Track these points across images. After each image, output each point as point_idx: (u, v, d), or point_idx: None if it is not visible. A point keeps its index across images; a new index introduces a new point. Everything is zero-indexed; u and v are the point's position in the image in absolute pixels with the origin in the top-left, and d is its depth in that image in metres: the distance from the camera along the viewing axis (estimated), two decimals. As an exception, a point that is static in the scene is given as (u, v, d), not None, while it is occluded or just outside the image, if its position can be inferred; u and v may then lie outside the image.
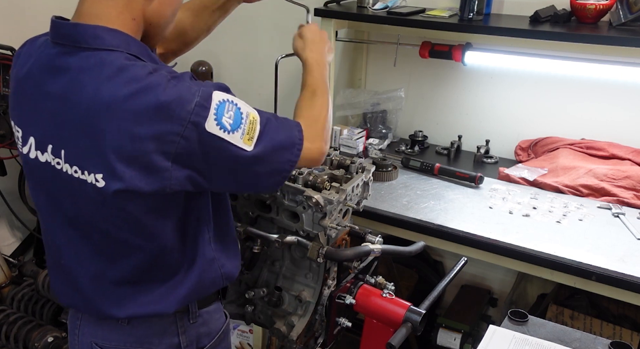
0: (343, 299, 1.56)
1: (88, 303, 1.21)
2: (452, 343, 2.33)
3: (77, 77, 1.03)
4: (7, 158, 2.49)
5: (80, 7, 1.08)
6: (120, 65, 1.01)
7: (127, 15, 1.07)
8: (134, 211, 1.07)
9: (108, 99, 1.00)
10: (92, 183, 1.04)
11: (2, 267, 2.52)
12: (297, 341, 1.56)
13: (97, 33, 1.04)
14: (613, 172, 2.18)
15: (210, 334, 1.33)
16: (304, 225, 1.49)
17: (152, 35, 1.15)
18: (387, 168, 2.30)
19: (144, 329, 1.23)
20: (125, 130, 0.99)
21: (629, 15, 2.07)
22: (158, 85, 1.00)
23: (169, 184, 1.04)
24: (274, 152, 1.12)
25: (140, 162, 1.01)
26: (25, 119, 1.12)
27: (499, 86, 2.52)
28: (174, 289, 1.19)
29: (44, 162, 1.10)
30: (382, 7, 2.44)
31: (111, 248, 1.14)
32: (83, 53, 1.03)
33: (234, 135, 1.05)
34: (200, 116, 1.01)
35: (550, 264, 1.79)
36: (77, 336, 1.28)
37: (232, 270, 1.29)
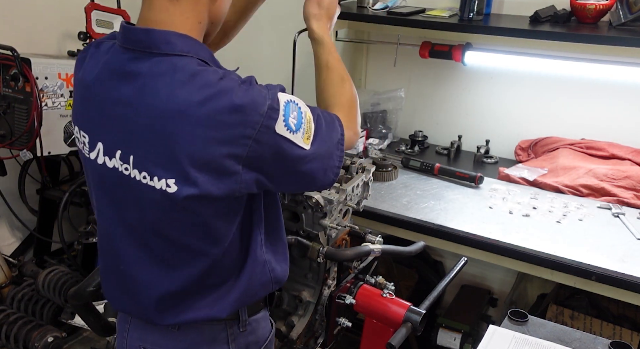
0: (343, 299, 1.56)
1: (142, 310, 1.20)
2: (452, 343, 2.33)
3: (149, 82, 1.03)
4: (7, 158, 2.49)
5: (146, 14, 1.08)
6: (192, 71, 1.02)
7: (193, 20, 1.08)
8: (203, 215, 1.07)
9: (182, 104, 1.00)
10: (162, 189, 1.04)
11: (2, 267, 2.51)
12: (297, 341, 1.56)
13: (168, 38, 1.04)
14: (613, 172, 2.18)
15: (258, 343, 1.31)
16: (304, 225, 1.49)
17: (209, 34, 1.16)
18: (387, 168, 2.30)
19: (195, 336, 1.22)
20: (199, 135, 0.99)
21: (629, 15, 2.07)
22: (231, 90, 1.01)
23: (238, 187, 1.04)
24: (326, 150, 1.14)
25: (213, 167, 1.01)
26: (93, 124, 1.11)
27: (499, 86, 2.52)
28: (226, 293, 1.18)
29: (111, 168, 1.09)
30: (382, 7, 2.44)
31: (172, 256, 1.13)
32: (155, 58, 1.03)
33: (297, 135, 1.07)
34: (272, 119, 1.03)
35: (550, 264, 1.79)
36: (126, 339, 1.28)
37: (281, 274, 1.29)
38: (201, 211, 1.06)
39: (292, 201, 1.48)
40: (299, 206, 1.48)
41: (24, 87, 2.34)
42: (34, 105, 2.31)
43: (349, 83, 1.32)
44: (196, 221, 1.08)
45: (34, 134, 2.34)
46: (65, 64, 2.42)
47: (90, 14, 2.58)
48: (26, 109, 2.35)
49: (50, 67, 2.36)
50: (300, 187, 1.28)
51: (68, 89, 2.44)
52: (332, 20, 1.40)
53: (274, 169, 1.07)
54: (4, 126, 2.41)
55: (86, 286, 1.46)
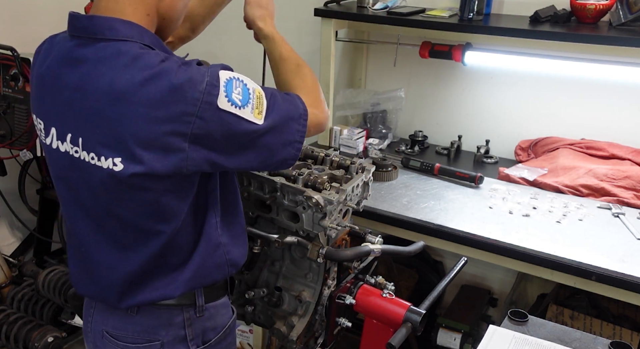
0: (343, 299, 1.56)
1: (102, 292, 1.24)
2: (452, 343, 2.33)
3: (94, 67, 1.07)
4: (7, 158, 2.49)
5: (98, 3, 1.12)
6: (134, 54, 1.06)
7: (141, 11, 1.12)
8: (152, 193, 1.10)
9: (124, 86, 1.04)
10: (110, 168, 1.07)
11: (2, 267, 2.52)
12: (297, 341, 1.56)
13: (112, 24, 1.08)
14: (613, 172, 2.18)
15: (216, 329, 1.34)
16: (304, 225, 1.49)
17: (164, 29, 1.20)
18: (387, 168, 2.30)
19: (152, 320, 1.25)
20: (141, 114, 1.03)
21: (629, 15, 2.07)
22: (170, 70, 1.04)
23: (185, 164, 1.07)
24: (283, 123, 1.16)
25: (158, 145, 1.04)
26: (46, 111, 1.16)
27: (499, 86, 2.52)
28: (180, 273, 1.22)
29: (63, 152, 1.14)
30: (382, 7, 2.44)
31: (127, 236, 1.17)
32: (99, 44, 1.08)
33: (245, 110, 1.09)
34: (212, 95, 1.05)
35: (550, 264, 1.79)
36: (90, 324, 1.32)
37: (237, 257, 1.32)
38: (150, 188, 1.09)
39: (292, 201, 1.48)
40: (299, 206, 1.48)
41: (24, 87, 2.35)
42: (34, 105, 2.31)
43: (306, 68, 1.34)
44: (145, 199, 1.11)
45: (34, 134, 2.34)
46: (65, 64, 2.42)
47: (90, 14, 2.58)
48: (26, 109, 2.35)
49: (50, 67, 2.36)
50: (260, 163, 1.24)
51: (68, 89, 2.43)
52: (273, 17, 1.43)
53: (226, 145, 1.10)
54: (4, 126, 2.41)
55: (86, 286, 1.46)
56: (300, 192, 1.43)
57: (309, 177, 1.49)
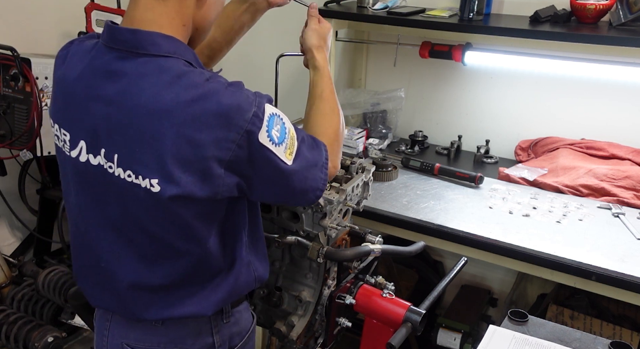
0: (343, 299, 1.56)
1: (124, 306, 1.20)
2: (452, 343, 2.33)
3: (134, 82, 1.03)
4: (7, 158, 2.49)
5: (132, 13, 1.08)
6: (178, 72, 1.03)
7: (178, 22, 1.09)
8: (185, 215, 1.08)
9: (168, 104, 1.01)
10: (147, 188, 1.05)
11: (2, 267, 2.51)
12: (297, 341, 1.56)
13: (154, 40, 1.05)
14: (613, 172, 2.18)
15: (241, 334, 1.34)
16: (304, 225, 1.49)
17: (195, 39, 1.17)
18: (387, 168, 2.30)
19: (179, 330, 1.23)
20: (184, 135, 1.00)
21: (629, 15, 2.07)
22: (217, 92, 1.02)
23: (220, 190, 1.06)
24: (308, 169, 1.16)
25: (196, 168, 1.02)
26: (75, 122, 1.11)
27: (499, 86, 2.52)
28: (213, 292, 1.20)
29: (95, 166, 1.10)
30: (382, 7, 2.44)
31: (156, 252, 1.14)
32: (141, 59, 1.04)
33: (279, 148, 1.08)
34: (256, 126, 1.04)
35: (550, 264, 1.79)
36: (106, 338, 1.27)
37: (263, 273, 1.31)
38: (183, 211, 1.07)
39: (292, 201, 1.48)
40: (299, 206, 1.48)
41: (24, 87, 2.34)
42: (34, 105, 2.31)
43: (338, 116, 1.32)
44: (178, 221, 1.09)
45: (34, 134, 2.34)
46: (65, 64, 2.42)
47: (90, 14, 2.58)
48: (26, 109, 2.35)
49: (50, 67, 2.36)
50: (278, 200, 1.31)
51: (68, 89, 2.43)
52: (329, 50, 1.43)
53: (254, 176, 1.09)
54: (4, 126, 2.41)
55: (86, 286, 1.46)
56: (300, 192, 1.43)
57: (309, 177, 1.49)
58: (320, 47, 1.39)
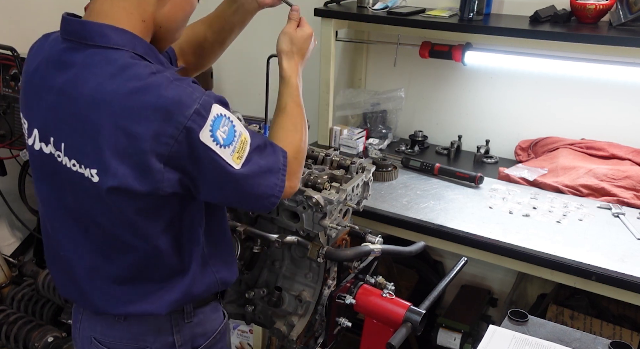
0: (343, 299, 1.56)
1: (84, 297, 1.22)
2: (452, 343, 2.33)
3: (81, 72, 1.05)
4: (7, 158, 2.49)
5: (92, 5, 1.10)
6: (123, 64, 1.03)
7: (137, 17, 1.09)
8: (126, 209, 1.08)
9: (108, 95, 1.01)
10: (89, 177, 1.06)
11: (2, 267, 2.52)
12: (297, 341, 1.56)
13: (103, 31, 1.06)
14: (613, 172, 2.18)
15: (206, 334, 1.32)
16: (304, 225, 1.49)
17: (161, 38, 1.16)
18: (387, 168, 2.30)
19: (140, 327, 1.23)
20: (122, 127, 1.00)
21: (629, 15, 2.07)
22: (159, 85, 1.01)
23: (161, 185, 1.05)
24: (261, 175, 1.12)
25: (134, 161, 1.02)
26: (31, 111, 1.14)
27: (499, 86, 2.52)
28: (167, 292, 1.19)
29: (47, 154, 1.12)
30: (382, 7, 2.44)
31: (107, 243, 1.15)
32: (89, 50, 1.05)
33: (225, 150, 1.06)
34: (197, 124, 1.02)
35: (550, 264, 1.79)
36: (79, 330, 1.30)
37: (228, 276, 1.30)
38: (124, 205, 1.07)
39: (292, 201, 1.48)
40: (299, 206, 1.48)
41: (24, 87, 2.34)
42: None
43: (300, 133, 1.25)
44: (121, 214, 1.09)
45: (34, 134, 2.34)
46: (65, 64, 2.42)
47: (90, 14, 2.58)
48: (26, 109, 2.35)
49: (50, 67, 2.36)
50: (231, 203, 1.25)
51: (68, 89, 2.44)
52: (305, 57, 1.34)
53: (197, 175, 1.07)
54: (4, 126, 2.41)
55: (86, 286, 1.46)
56: (300, 191, 1.43)
57: (309, 177, 1.49)
58: (290, 53, 1.30)
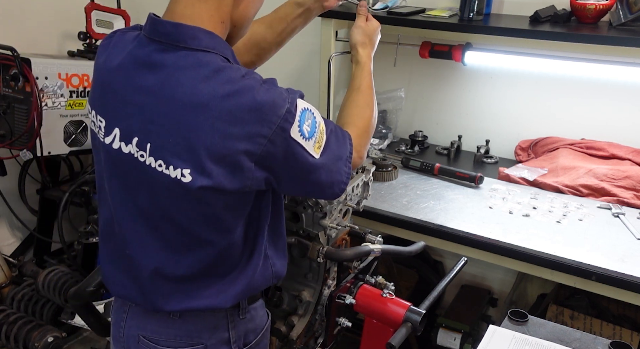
0: (343, 299, 1.56)
1: (144, 295, 1.22)
2: (452, 343, 2.33)
3: (173, 74, 1.06)
4: (7, 158, 2.49)
5: (173, 7, 1.12)
6: (216, 67, 1.06)
7: (217, 18, 1.12)
8: (214, 206, 1.10)
9: (205, 97, 1.03)
10: (177, 178, 1.07)
11: (2, 267, 2.52)
12: (297, 341, 1.56)
13: (195, 34, 1.08)
14: (613, 172, 2.18)
15: (256, 331, 1.34)
16: (304, 225, 1.49)
17: (233, 36, 1.19)
18: (387, 168, 2.30)
19: (196, 324, 1.24)
20: (219, 128, 1.03)
21: (629, 15, 2.07)
22: (252, 87, 1.05)
23: (249, 183, 1.08)
24: (334, 162, 1.18)
25: (228, 161, 1.05)
26: (111, 110, 1.14)
27: (499, 86, 2.52)
28: (231, 285, 1.21)
29: (126, 154, 1.12)
30: (382, 7, 2.44)
31: (180, 242, 1.16)
32: (181, 52, 1.07)
33: (309, 142, 1.11)
34: (288, 122, 1.06)
35: (550, 264, 1.79)
36: (123, 329, 1.29)
37: (281, 269, 1.32)
38: (212, 203, 1.09)
39: (292, 200, 1.48)
40: (299, 206, 1.48)
41: (24, 87, 2.34)
42: (34, 105, 2.31)
43: (372, 110, 1.37)
44: (206, 211, 1.11)
45: (34, 134, 2.34)
46: (65, 64, 2.42)
47: (90, 14, 2.58)
48: (26, 109, 2.35)
49: (50, 67, 2.36)
50: (304, 193, 1.35)
51: (68, 89, 2.44)
52: (375, 47, 1.51)
53: (283, 171, 1.11)
54: (4, 126, 2.41)
55: (86, 286, 1.46)
56: (300, 192, 1.44)
57: (309, 177, 1.49)
58: (364, 43, 1.46)
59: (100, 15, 2.62)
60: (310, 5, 1.50)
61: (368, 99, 1.37)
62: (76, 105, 2.48)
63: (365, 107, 1.36)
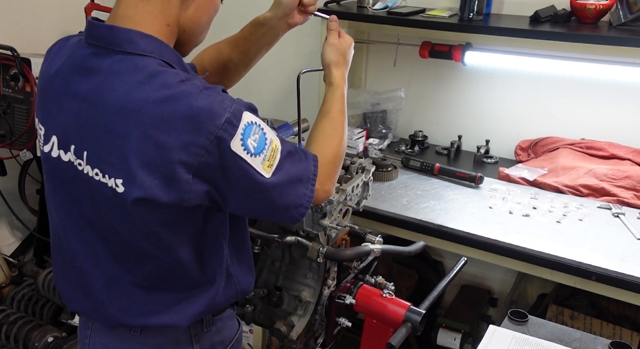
0: (343, 299, 1.56)
1: (99, 309, 1.17)
2: (452, 343, 2.33)
3: (107, 79, 1.01)
4: (7, 158, 2.49)
5: (116, 10, 1.07)
6: (152, 71, 1.00)
7: (161, 21, 1.06)
8: (149, 220, 1.05)
9: (137, 103, 0.98)
10: (112, 187, 1.02)
11: (2, 267, 2.52)
12: (297, 341, 1.56)
13: (131, 37, 1.03)
14: (613, 172, 2.18)
15: (224, 342, 1.30)
16: (304, 225, 1.49)
17: (184, 42, 1.14)
18: (387, 168, 2.30)
19: (157, 339, 1.20)
20: (150, 136, 0.97)
21: (629, 15, 2.07)
22: (190, 93, 0.98)
23: (187, 197, 1.02)
24: (289, 184, 1.09)
25: (161, 172, 0.99)
26: (49, 117, 1.10)
27: (499, 86, 2.52)
28: (190, 304, 1.17)
29: (66, 162, 1.08)
30: (382, 7, 2.44)
31: (127, 254, 1.12)
32: (116, 56, 1.02)
33: (256, 159, 1.03)
34: (228, 133, 0.99)
35: (550, 264, 1.79)
36: (87, 346, 1.25)
37: (247, 286, 1.28)
38: (148, 218, 1.04)
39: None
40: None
41: (24, 87, 2.34)
42: (34, 105, 2.31)
43: (340, 138, 1.26)
44: (144, 225, 1.06)
45: (34, 134, 2.34)
46: (65, 64, 2.42)
47: (90, 14, 2.58)
48: (26, 109, 2.35)
49: (50, 67, 2.36)
50: (257, 215, 1.25)
51: (68, 89, 2.44)
52: (348, 65, 1.40)
53: (226, 186, 1.04)
54: (4, 126, 2.41)
55: (86, 286, 1.46)
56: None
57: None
58: (338, 63, 1.35)
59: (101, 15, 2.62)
60: (273, 25, 1.40)
61: (337, 125, 1.27)
62: (76, 105, 2.48)
63: (333, 135, 1.25)
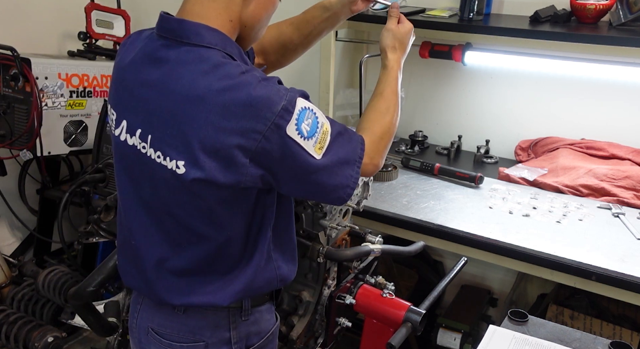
0: (343, 299, 1.56)
1: (149, 286, 1.25)
2: (452, 343, 2.33)
3: (175, 68, 1.10)
4: (7, 158, 2.49)
5: (184, 5, 1.17)
6: (216, 62, 1.09)
7: (225, 17, 1.15)
8: (208, 199, 1.12)
9: (201, 91, 1.06)
10: (172, 169, 1.10)
11: (2, 267, 2.52)
12: (297, 341, 1.56)
13: (199, 30, 1.12)
14: (613, 172, 2.18)
15: (260, 334, 1.34)
16: (304, 225, 1.49)
17: (245, 37, 1.22)
18: (387, 168, 2.30)
19: (198, 321, 1.26)
20: (212, 122, 1.05)
21: (629, 15, 2.07)
22: (249, 83, 1.06)
23: (243, 179, 1.09)
24: (338, 165, 1.16)
25: (221, 155, 1.06)
26: (121, 103, 1.19)
27: (499, 86, 2.52)
28: (230, 283, 1.22)
29: (131, 145, 1.16)
30: (382, 7, 2.44)
31: (180, 235, 1.19)
32: (184, 48, 1.11)
33: (308, 142, 1.11)
34: (284, 119, 1.07)
35: (550, 264, 1.79)
36: (136, 319, 1.33)
37: (288, 273, 1.31)
38: (205, 196, 1.11)
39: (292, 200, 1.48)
40: (299, 206, 1.48)
41: (24, 87, 2.35)
42: (34, 105, 2.31)
43: (392, 116, 1.34)
44: (200, 205, 1.13)
45: (34, 134, 2.34)
46: (65, 64, 2.42)
47: (90, 14, 2.58)
48: (26, 109, 2.35)
49: (50, 67, 2.37)
50: (306, 196, 1.33)
51: (68, 89, 2.44)
52: (406, 51, 1.46)
53: (281, 169, 1.11)
54: (4, 126, 2.41)
55: (86, 286, 1.46)
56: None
57: (309, 177, 1.49)
58: (394, 47, 1.41)
59: (100, 15, 2.62)
60: (337, 10, 1.50)
61: (389, 105, 1.35)
62: (76, 105, 2.49)
63: (384, 113, 1.33)
